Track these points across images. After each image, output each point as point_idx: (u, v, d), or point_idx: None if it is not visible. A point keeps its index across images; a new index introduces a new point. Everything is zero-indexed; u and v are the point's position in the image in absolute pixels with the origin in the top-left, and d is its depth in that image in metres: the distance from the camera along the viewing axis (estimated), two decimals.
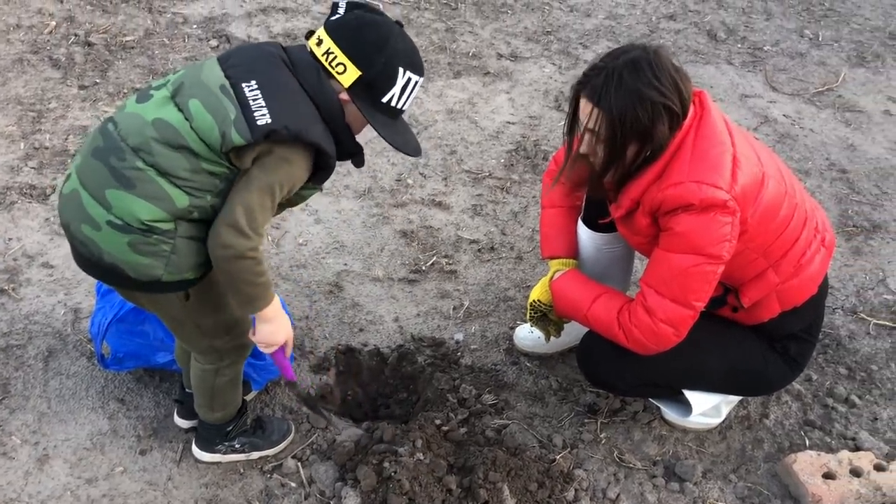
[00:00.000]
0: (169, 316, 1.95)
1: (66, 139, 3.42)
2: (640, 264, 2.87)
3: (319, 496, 2.18)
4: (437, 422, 2.37)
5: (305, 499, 2.17)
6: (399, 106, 1.85)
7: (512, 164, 3.60)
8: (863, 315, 2.89)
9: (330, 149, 1.79)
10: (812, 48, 4.77)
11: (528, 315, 2.39)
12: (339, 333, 2.69)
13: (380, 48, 1.77)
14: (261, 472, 2.22)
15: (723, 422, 2.46)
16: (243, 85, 1.72)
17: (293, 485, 2.20)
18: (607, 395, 2.53)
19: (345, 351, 2.64)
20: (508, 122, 3.89)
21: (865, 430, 2.46)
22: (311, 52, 1.82)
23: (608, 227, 2.30)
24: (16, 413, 2.29)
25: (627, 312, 2.09)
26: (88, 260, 1.81)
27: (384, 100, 1.82)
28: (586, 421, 2.47)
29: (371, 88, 1.80)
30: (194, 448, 2.22)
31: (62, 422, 2.28)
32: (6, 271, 2.72)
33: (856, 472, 2.27)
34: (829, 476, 2.25)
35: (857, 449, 2.39)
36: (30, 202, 3.06)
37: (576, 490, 2.25)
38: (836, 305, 2.93)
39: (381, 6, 1.89)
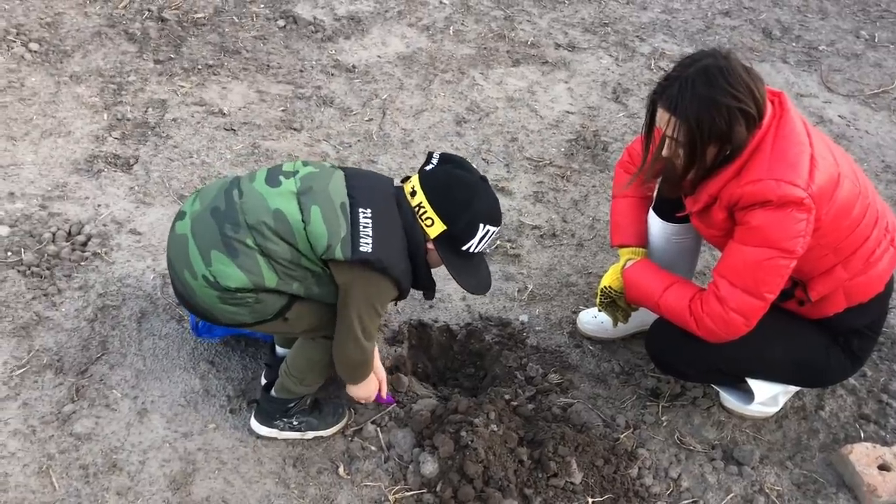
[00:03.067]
0: (272, 330, 2.19)
1: (146, 112, 3.55)
2: (707, 255, 2.96)
3: (398, 460, 2.30)
4: (507, 397, 2.49)
5: (385, 462, 2.30)
6: (475, 251, 2.10)
7: (572, 154, 3.70)
8: None
9: (407, 285, 2.10)
10: (868, 49, 4.79)
11: (598, 300, 2.49)
12: (411, 309, 2.80)
13: (466, 207, 2.03)
14: (342, 435, 2.35)
15: (779, 411, 2.55)
16: (360, 210, 1.99)
17: (373, 448, 2.33)
18: (668, 380, 2.63)
19: (417, 326, 2.76)
20: (567, 112, 3.98)
21: None
22: (408, 200, 2.07)
23: (679, 218, 2.40)
24: (115, 369, 2.44)
25: (699, 301, 2.18)
26: (184, 298, 2.10)
27: (463, 248, 2.08)
28: (648, 404, 2.58)
29: (453, 240, 2.07)
30: (252, 421, 2.31)
31: (157, 379, 2.42)
32: (98, 236, 2.87)
33: None
34: (884, 468, 2.35)
35: None
36: (115, 171, 3.20)
37: (639, 468, 2.36)
38: (892, 305, 3.00)
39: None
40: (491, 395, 2.48)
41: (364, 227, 1.98)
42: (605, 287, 2.45)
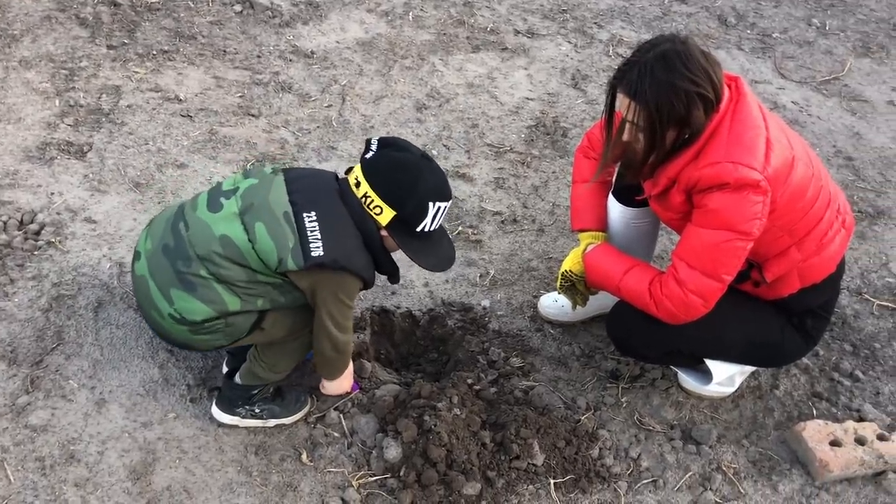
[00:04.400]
0: (254, 342, 2.20)
1: (100, 98, 3.48)
2: (665, 239, 3.00)
3: (361, 445, 2.31)
4: (469, 381, 2.50)
5: (348, 448, 2.30)
6: (431, 230, 2.09)
7: (532, 140, 3.71)
8: (867, 296, 3.04)
9: (369, 277, 2.10)
10: (819, 37, 4.89)
11: (558, 284, 2.52)
12: (374, 296, 2.80)
13: (411, 189, 2.02)
14: (305, 422, 2.35)
15: (735, 391, 2.61)
16: (304, 215, 1.98)
17: (336, 434, 2.32)
18: (628, 362, 2.67)
19: (379, 312, 2.76)
20: (527, 98, 3.99)
21: (869, 403, 2.62)
22: (353, 192, 2.06)
23: (638, 202, 2.43)
24: (71, 359, 2.39)
25: (659, 284, 2.22)
26: (161, 335, 2.14)
27: (418, 230, 2.07)
28: (608, 386, 2.61)
29: (406, 223, 2.06)
30: (214, 408, 2.29)
31: (115, 369, 2.39)
32: (52, 224, 2.80)
33: (860, 441, 2.43)
34: (835, 444, 2.41)
35: (861, 420, 2.55)
36: (68, 158, 3.13)
37: (600, 449, 2.39)
38: (842, 287, 3.08)
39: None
40: (454, 379, 2.49)
41: (311, 231, 1.98)
42: (565, 271, 2.48)
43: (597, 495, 2.29)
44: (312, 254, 1.96)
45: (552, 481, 2.28)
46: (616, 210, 2.56)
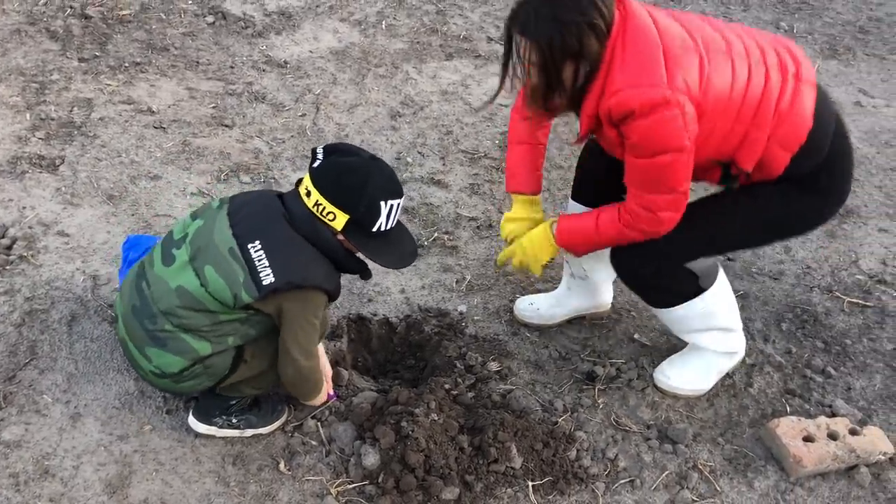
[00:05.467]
0: (243, 377, 2.21)
1: (71, 111, 3.46)
2: None
3: (339, 453, 2.31)
4: (447, 386, 2.51)
5: (326, 455, 2.30)
6: (387, 229, 2.10)
7: (505, 146, 3.72)
8: (837, 294, 3.09)
9: (331, 287, 2.11)
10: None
11: (520, 265, 2.50)
12: (350, 303, 2.80)
13: (361, 190, 2.02)
14: (282, 431, 2.34)
15: (710, 390, 2.64)
16: (249, 246, 2.00)
17: (314, 443, 2.32)
18: (604, 364, 2.69)
19: (356, 319, 2.77)
20: (501, 105, 4.02)
21: (840, 399, 2.65)
22: (304, 202, 2.06)
23: (599, 202, 2.42)
24: (45, 373, 2.37)
25: (628, 216, 2.22)
26: (153, 385, 2.21)
27: (374, 230, 2.07)
28: (584, 387, 2.63)
29: (361, 225, 2.06)
30: (191, 419, 2.28)
31: (90, 382, 2.37)
32: (24, 238, 2.78)
33: (832, 436, 2.46)
34: (808, 439, 2.44)
35: (833, 415, 2.59)
36: (40, 172, 3.11)
37: (577, 450, 2.41)
38: (812, 284, 3.13)
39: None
40: (431, 385, 2.50)
41: (259, 260, 1.99)
42: (545, 263, 2.47)
43: (575, 496, 2.30)
44: (264, 282, 1.98)
45: (530, 484, 2.29)
46: (577, 211, 2.57)
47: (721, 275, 2.49)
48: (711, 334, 2.54)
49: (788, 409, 2.62)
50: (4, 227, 2.82)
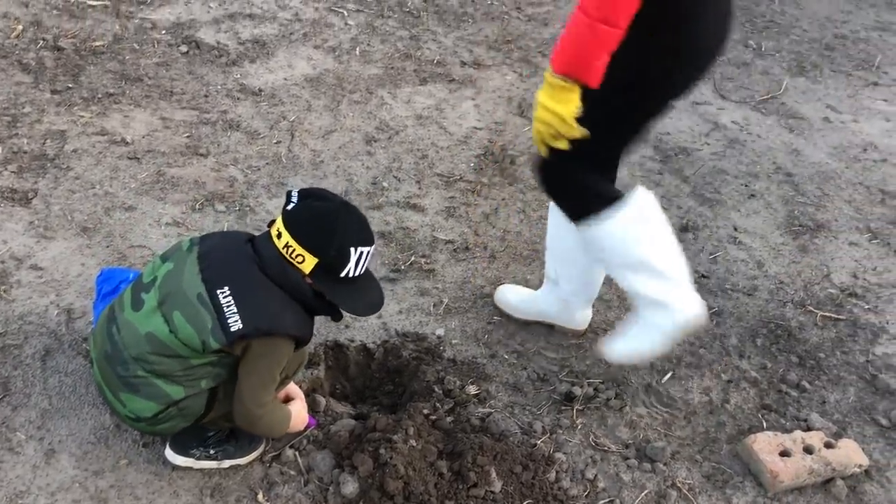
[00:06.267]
0: (220, 415, 2.20)
1: (44, 143, 3.45)
2: None
3: (318, 482, 2.29)
4: (425, 411, 2.51)
5: (305, 485, 2.28)
6: (356, 275, 2.10)
7: (481, 168, 3.77)
8: (810, 308, 3.13)
9: (302, 334, 2.10)
10: (756, 58, 5.05)
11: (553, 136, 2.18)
12: (327, 330, 2.80)
13: (331, 236, 2.03)
14: (260, 461, 2.33)
15: (688, 408, 2.66)
16: (217, 292, 2.00)
17: (292, 473, 2.31)
18: (582, 384, 2.70)
19: (333, 346, 2.76)
20: (475, 128, 4.05)
21: (816, 412, 2.68)
22: (275, 244, 2.07)
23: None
24: (18, 410, 2.35)
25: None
26: (131, 427, 2.23)
27: (342, 275, 2.07)
28: (563, 408, 2.64)
29: (329, 269, 2.06)
30: (167, 450, 2.26)
31: (65, 418, 2.35)
32: None
33: (808, 450, 2.48)
34: (784, 454, 2.47)
35: (808, 429, 2.62)
36: (13, 206, 3.09)
37: (557, 472, 2.41)
38: (786, 299, 3.17)
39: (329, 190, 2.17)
40: (410, 410, 2.49)
41: (227, 306, 1.99)
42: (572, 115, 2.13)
43: None
44: (231, 329, 1.98)
45: None
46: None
47: (650, 201, 2.41)
48: (641, 278, 2.41)
49: (765, 424, 2.64)
50: None
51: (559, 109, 2.08)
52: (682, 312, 2.42)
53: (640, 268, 2.40)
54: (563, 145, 2.18)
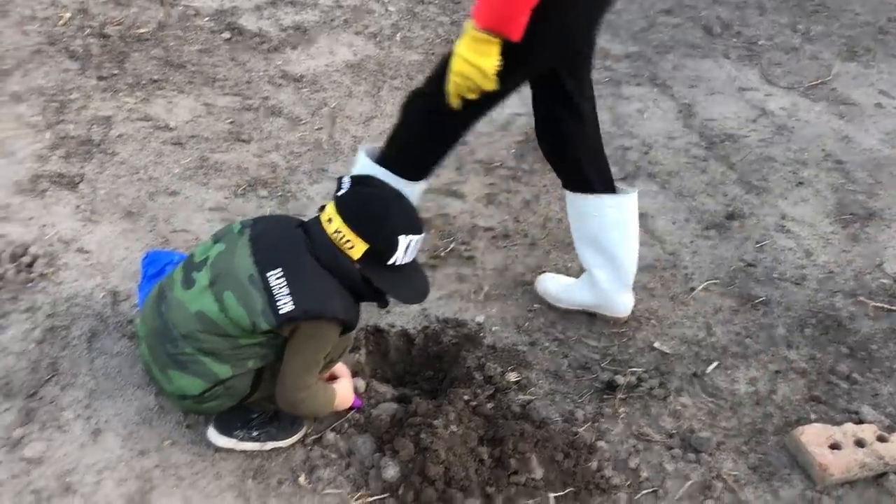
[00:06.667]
0: (265, 396, 2.21)
1: (90, 129, 3.50)
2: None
3: (359, 466, 2.30)
4: (466, 397, 2.50)
5: (346, 468, 2.29)
6: (402, 263, 2.11)
7: (522, 155, 3.73)
8: (862, 298, 3.04)
9: (349, 318, 2.10)
10: (805, 42, 4.93)
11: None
12: (367, 315, 2.80)
13: (382, 223, 2.05)
14: (302, 444, 2.34)
15: (733, 398, 2.60)
16: (268, 274, 2.01)
17: (334, 456, 2.31)
18: (625, 373, 2.66)
19: (373, 332, 2.76)
20: (516, 114, 4.01)
21: (867, 405, 2.61)
22: (325, 229, 2.08)
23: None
24: (66, 390, 2.39)
25: None
26: (176, 406, 2.28)
27: (389, 263, 2.08)
28: (605, 397, 2.60)
29: (378, 256, 2.07)
30: (210, 431, 2.28)
31: (110, 398, 2.38)
32: (45, 256, 2.81)
33: (860, 443, 2.41)
34: (834, 447, 2.40)
35: (860, 422, 2.54)
36: (60, 190, 3.14)
37: (599, 461, 2.38)
38: (836, 289, 3.09)
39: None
40: (450, 396, 2.48)
41: (279, 288, 2.01)
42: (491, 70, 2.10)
43: None
44: (281, 311, 2.00)
45: (552, 495, 2.27)
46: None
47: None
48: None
49: (813, 416, 2.58)
50: (25, 245, 2.85)
51: (480, 63, 2.05)
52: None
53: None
54: (474, 97, 2.16)
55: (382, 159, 2.49)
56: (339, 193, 2.11)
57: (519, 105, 4.07)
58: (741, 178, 3.71)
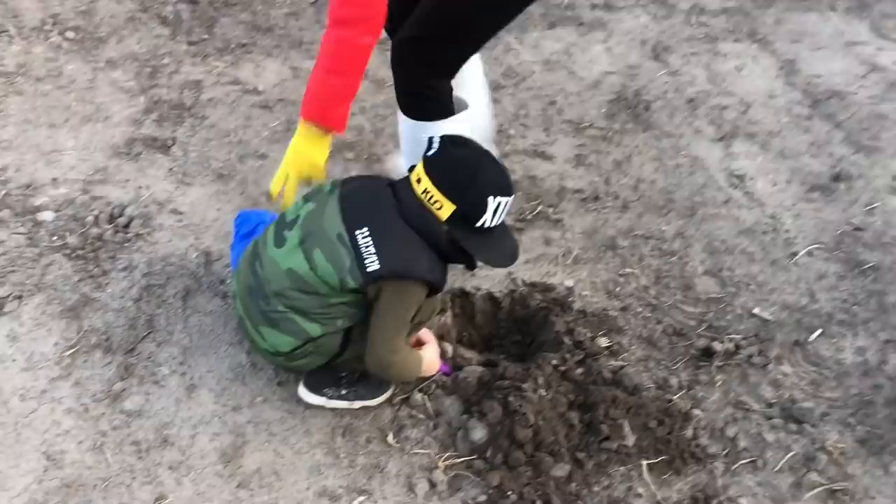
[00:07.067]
0: (354, 356, 2.20)
1: (182, 93, 3.56)
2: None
3: (447, 427, 2.28)
4: (555, 362, 2.44)
5: (434, 429, 2.27)
6: (492, 226, 2.05)
7: (613, 114, 3.60)
8: None
9: (435, 279, 2.07)
10: None
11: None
12: (453, 278, 2.76)
13: (471, 183, 2.00)
14: (390, 403, 2.34)
15: (839, 368, 2.47)
16: (357, 232, 2.00)
17: (421, 416, 2.30)
18: (722, 339, 2.56)
19: (459, 294, 2.72)
20: (607, 72, 3.88)
21: None
22: (413, 189, 2.05)
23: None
24: (162, 346, 2.45)
25: (327, 26, 2.11)
26: (268, 361, 2.30)
27: (478, 225, 2.02)
28: (701, 364, 2.51)
29: (466, 218, 2.02)
30: (301, 388, 2.30)
31: (204, 355, 2.43)
32: (140, 217, 2.88)
33: None
34: None
35: None
36: (154, 153, 3.21)
37: (694, 429, 2.30)
38: None
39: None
40: (538, 360, 2.43)
41: (366, 246, 1.99)
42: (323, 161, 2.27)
43: (692, 476, 2.20)
44: (368, 269, 1.98)
45: (644, 462, 2.20)
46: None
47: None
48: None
49: None
50: (122, 206, 2.92)
51: (313, 156, 2.24)
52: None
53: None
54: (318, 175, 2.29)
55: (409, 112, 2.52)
56: (429, 153, 2.07)
57: (609, 63, 3.93)
58: (848, 138, 3.49)
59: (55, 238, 2.77)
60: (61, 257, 2.70)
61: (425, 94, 2.52)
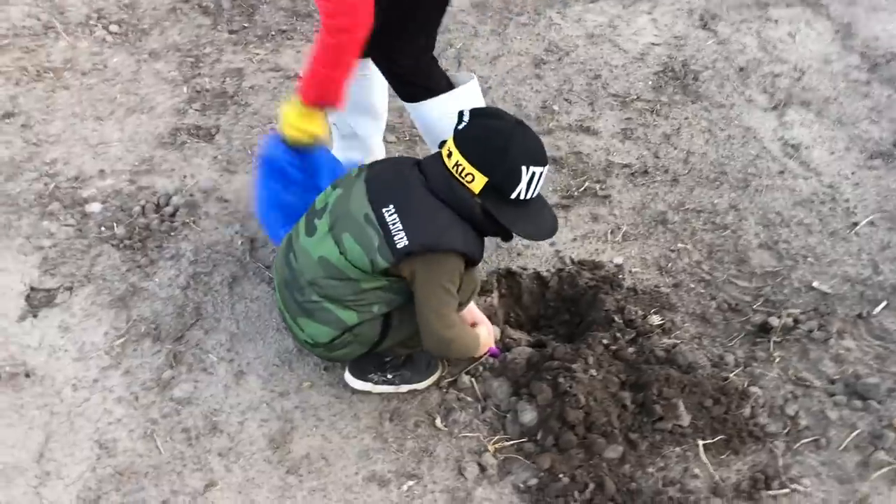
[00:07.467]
0: (395, 343, 2.20)
1: (224, 81, 3.56)
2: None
3: (495, 409, 2.24)
4: (605, 341, 2.38)
5: (482, 412, 2.24)
6: (527, 197, 1.98)
7: (660, 86, 3.50)
8: None
9: (470, 251, 2.01)
10: None
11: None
12: (499, 258, 2.72)
13: (503, 154, 1.93)
14: (437, 387, 2.31)
15: None
16: (383, 210, 1.97)
17: (469, 399, 2.27)
18: (780, 314, 2.46)
19: (505, 274, 2.68)
20: (653, 44, 3.77)
21: None
22: (444, 163, 2.00)
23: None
24: (210, 333, 2.46)
25: (321, 17, 2.18)
26: (311, 352, 2.27)
27: (512, 197, 1.96)
28: (758, 340, 2.42)
29: (499, 190, 1.96)
30: (347, 375, 2.29)
31: (251, 341, 2.44)
32: (186, 205, 2.89)
33: None
34: None
35: None
36: (198, 142, 3.22)
37: (752, 407, 2.22)
38: None
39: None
40: (588, 340, 2.38)
41: (393, 224, 1.95)
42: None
43: (751, 456, 2.12)
44: (398, 246, 1.94)
45: (701, 443, 2.13)
46: None
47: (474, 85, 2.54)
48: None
49: None
50: (168, 195, 2.94)
51: (309, 128, 2.29)
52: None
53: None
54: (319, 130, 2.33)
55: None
56: (460, 127, 2.01)
57: (654, 34, 3.82)
58: None
59: (103, 229, 2.80)
60: (109, 248, 2.73)
61: (408, 78, 2.57)
